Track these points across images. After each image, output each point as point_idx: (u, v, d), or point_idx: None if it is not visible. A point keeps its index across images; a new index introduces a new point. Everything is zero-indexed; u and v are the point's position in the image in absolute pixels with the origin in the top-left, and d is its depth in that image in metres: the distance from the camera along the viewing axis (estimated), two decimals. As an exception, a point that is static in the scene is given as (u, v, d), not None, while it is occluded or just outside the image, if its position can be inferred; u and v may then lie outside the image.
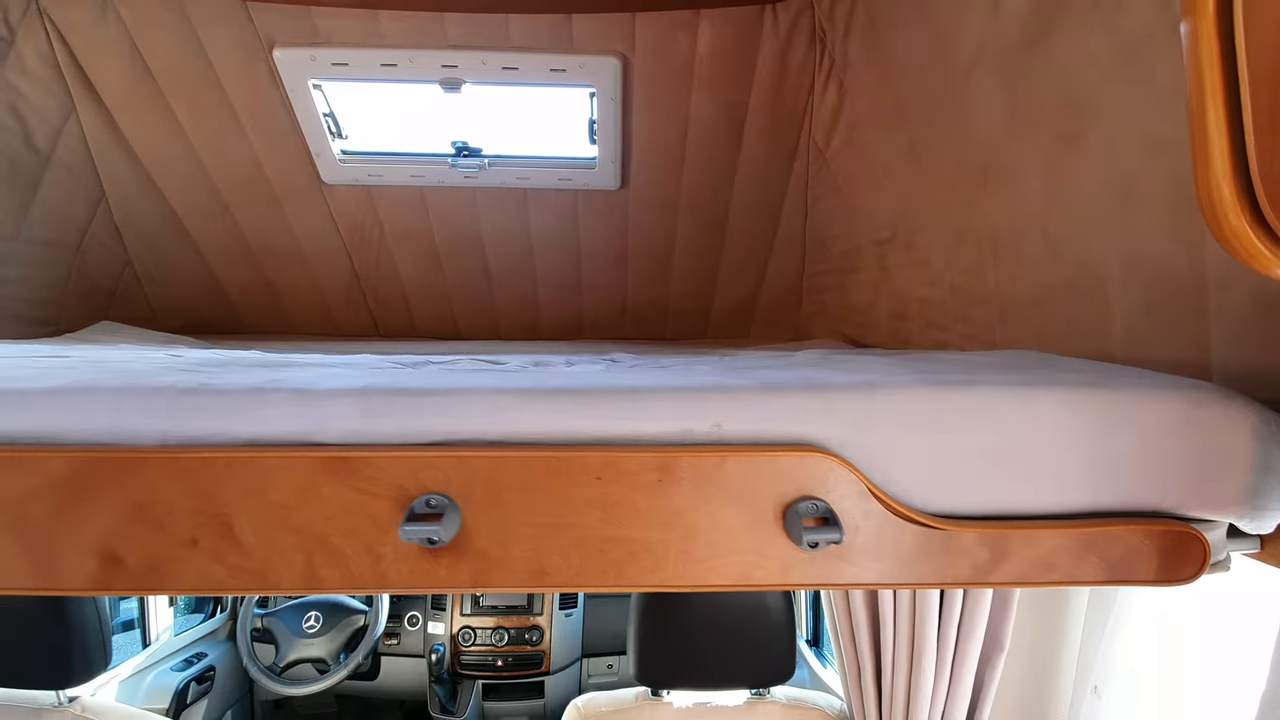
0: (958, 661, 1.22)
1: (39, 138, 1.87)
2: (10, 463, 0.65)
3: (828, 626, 1.34)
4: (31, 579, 0.66)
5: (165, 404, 0.67)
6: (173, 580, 0.66)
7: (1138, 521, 0.70)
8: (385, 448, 0.67)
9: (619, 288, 2.46)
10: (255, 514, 0.65)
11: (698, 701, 1.33)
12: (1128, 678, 1.11)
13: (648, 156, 2.10)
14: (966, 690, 1.24)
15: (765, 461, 0.67)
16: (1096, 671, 1.14)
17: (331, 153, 2.05)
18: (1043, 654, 1.24)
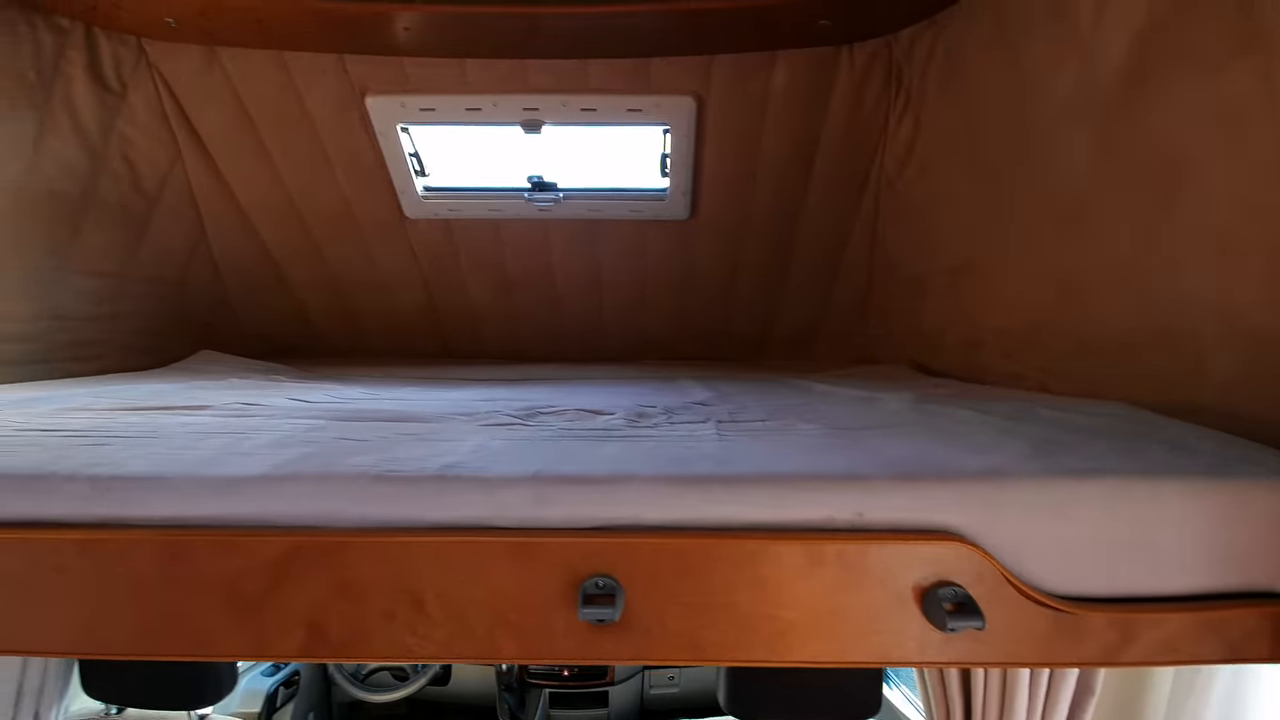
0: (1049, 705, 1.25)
1: (147, 182, 2.00)
2: (229, 546, 0.74)
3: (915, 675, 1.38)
4: (248, 648, 0.75)
5: (360, 491, 0.75)
6: (369, 648, 0.74)
7: (1258, 603, 0.73)
8: (556, 532, 0.74)
9: (682, 311, 2.52)
10: (444, 591, 0.73)
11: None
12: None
13: (717, 188, 2.15)
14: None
15: (905, 549, 0.72)
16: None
17: (415, 190, 2.14)
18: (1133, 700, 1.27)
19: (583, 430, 1.08)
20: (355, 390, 1.65)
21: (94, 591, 0.74)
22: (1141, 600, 0.74)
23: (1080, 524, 0.73)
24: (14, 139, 1.64)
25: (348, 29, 1.73)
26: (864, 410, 1.25)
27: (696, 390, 1.67)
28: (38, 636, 0.75)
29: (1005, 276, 1.64)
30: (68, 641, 0.75)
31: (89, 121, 1.78)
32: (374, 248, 2.33)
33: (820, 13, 1.64)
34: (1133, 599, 0.74)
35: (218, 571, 0.73)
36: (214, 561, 0.74)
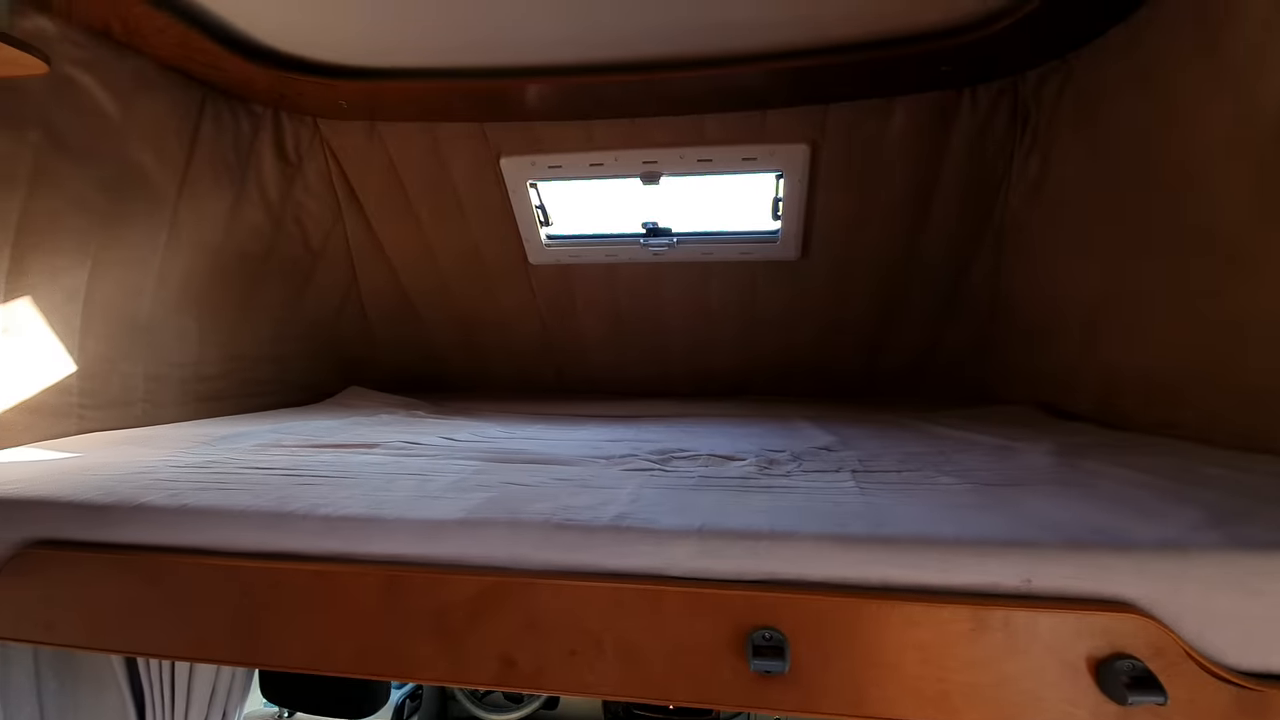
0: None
1: (313, 239, 2.28)
2: (437, 582, 0.84)
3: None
4: (448, 673, 0.84)
5: (545, 539, 0.84)
6: (553, 682, 0.82)
7: None
8: (724, 584, 0.79)
9: (789, 347, 2.54)
10: (621, 634, 0.80)
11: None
12: None
13: (829, 228, 2.17)
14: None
15: (1077, 618, 0.73)
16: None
17: (539, 238, 2.31)
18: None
19: (722, 479, 1.13)
20: (492, 429, 1.79)
21: (324, 617, 0.87)
22: (1341, 682, 0.70)
23: (1269, 598, 0.71)
24: (216, 210, 1.92)
25: (489, 101, 1.91)
26: (1004, 462, 1.23)
27: (814, 432, 1.69)
28: (280, 653, 0.88)
29: (1151, 316, 1.57)
30: (304, 660, 0.87)
31: (272, 191, 2.06)
32: (498, 291, 2.51)
33: (942, 60, 1.65)
34: (1330, 681, 0.71)
35: (427, 605, 0.84)
36: (424, 596, 0.84)
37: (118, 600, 0.93)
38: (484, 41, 1.68)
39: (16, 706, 1.57)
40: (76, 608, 0.94)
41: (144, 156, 1.70)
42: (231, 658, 0.90)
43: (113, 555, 0.93)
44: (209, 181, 1.87)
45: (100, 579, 0.93)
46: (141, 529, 0.93)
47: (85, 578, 0.94)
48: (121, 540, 0.94)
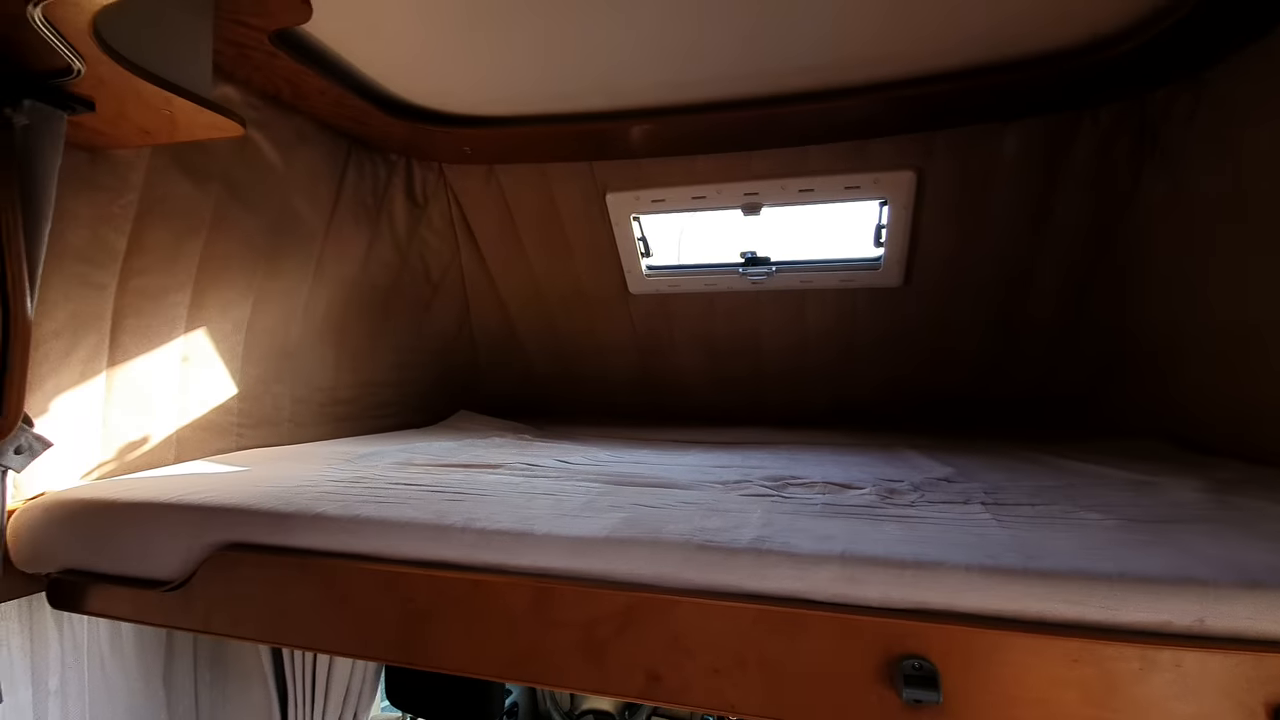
0: None
1: (434, 273, 2.46)
2: (586, 596, 0.89)
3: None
4: (595, 684, 0.89)
5: (688, 558, 0.88)
6: (696, 698, 0.85)
7: None
8: (870, 610, 0.80)
9: (892, 378, 2.49)
10: (765, 656, 0.82)
11: None
12: None
13: (934, 254, 2.14)
14: None
15: (1256, 661, 0.69)
16: None
17: (640, 269, 2.39)
18: None
19: (846, 506, 1.14)
20: (600, 454, 1.85)
21: (479, 624, 0.94)
22: None
23: None
24: (355, 248, 2.12)
25: (597, 142, 2.02)
26: (1149, 498, 1.17)
27: (927, 463, 1.65)
28: (438, 656, 0.95)
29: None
30: (460, 663, 0.94)
31: (401, 230, 2.25)
32: (598, 320, 2.61)
33: (1061, 80, 1.62)
34: None
35: (576, 617, 0.89)
36: (573, 608, 0.90)
37: (297, 600, 1.03)
38: (593, 88, 1.79)
39: (177, 697, 1.75)
40: (261, 605, 1.06)
41: (300, 202, 1.91)
42: (394, 657, 0.98)
43: (294, 559, 1.04)
44: (350, 222, 2.07)
45: (282, 580, 1.04)
46: (318, 536, 1.04)
47: (269, 578, 1.05)
48: (300, 545, 1.05)
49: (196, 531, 1.10)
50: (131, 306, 1.57)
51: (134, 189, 1.50)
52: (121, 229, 1.50)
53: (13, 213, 1.09)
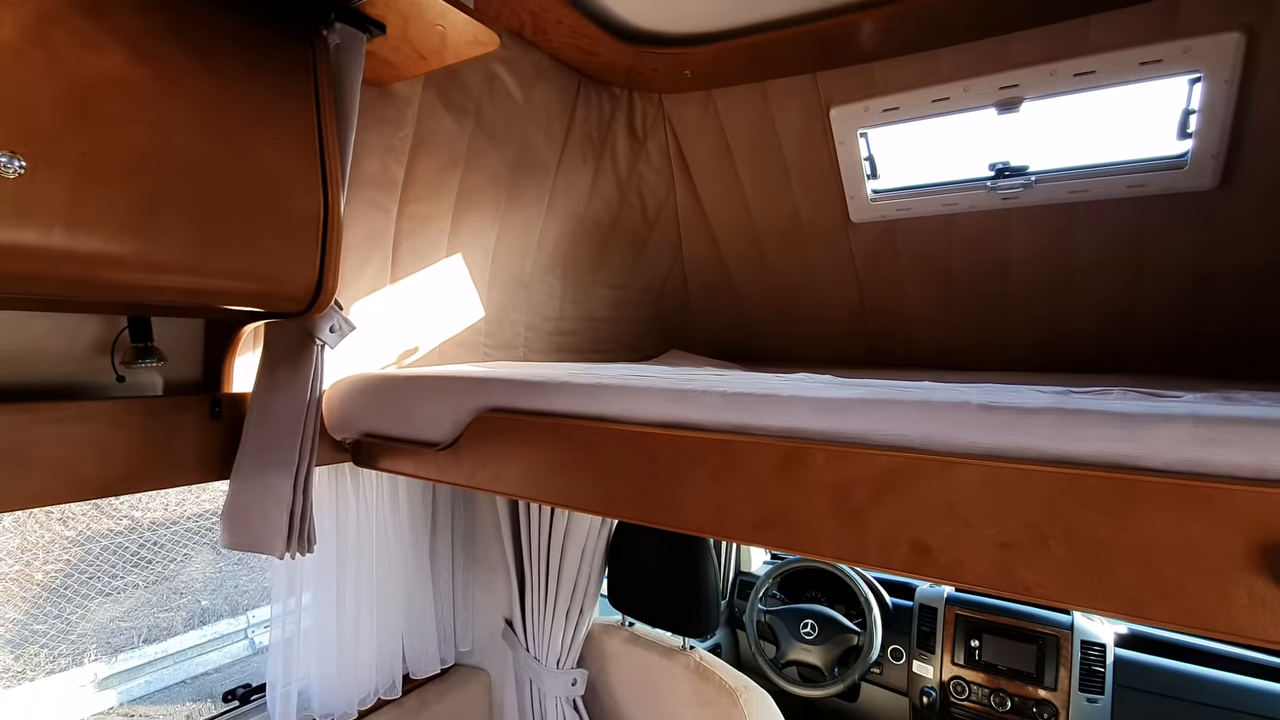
0: None
1: (650, 211, 2.50)
2: (844, 457, 0.81)
3: None
4: (851, 552, 0.81)
5: (966, 418, 0.76)
6: (976, 575, 0.73)
7: None
8: (1232, 480, 0.62)
9: (1188, 311, 2.01)
10: (1075, 531, 0.68)
11: None
12: None
13: (1267, 142, 1.66)
14: None
15: None
16: None
17: (864, 194, 2.20)
18: None
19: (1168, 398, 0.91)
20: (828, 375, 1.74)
21: (723, 485, 0.91)
22: None
23: None
24: (581, 183, 2.23)
25: (821, 45, 1.87)
26: None
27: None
28: (681, 516, 0.95)
29: None
30: (702, 522, 0.92)
31: (622, 165, 2.32)
32: (814, 255, 2.46)
33: None
34: None
35: (828, 479, 0.82)
36: (825, 470, 0.82)
37: (549, 459, 1.10)
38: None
39: (439, 570, 2.01)
40: (517, 463, 1.14)
41: (537, 137, 2.05)
42: (639, 515, 0.99)
43: (546, 421, 1.10)
44: (578, 157, 2.18)
45: (535, 440, 1.11)
46: (566, 399, 1.09)
47: (524, 439, 1.13)
48: (551, 409, 1.11)
49: (463, 399, 1.23)
50: (406, 230, 1.80)
51: (410, 123, 1.71)
52: (400, 159, 1.72)
53: (333, 126, 1.29)
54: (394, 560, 1.83)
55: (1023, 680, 2.40)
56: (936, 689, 2.52)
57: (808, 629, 2.66)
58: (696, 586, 1.67)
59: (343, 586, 1.72)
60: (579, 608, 1.82)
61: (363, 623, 1.76)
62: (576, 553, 1.78)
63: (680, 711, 1.70)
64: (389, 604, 1.83)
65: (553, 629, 1.81)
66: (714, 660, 1.69)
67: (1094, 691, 2.32)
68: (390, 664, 1.84)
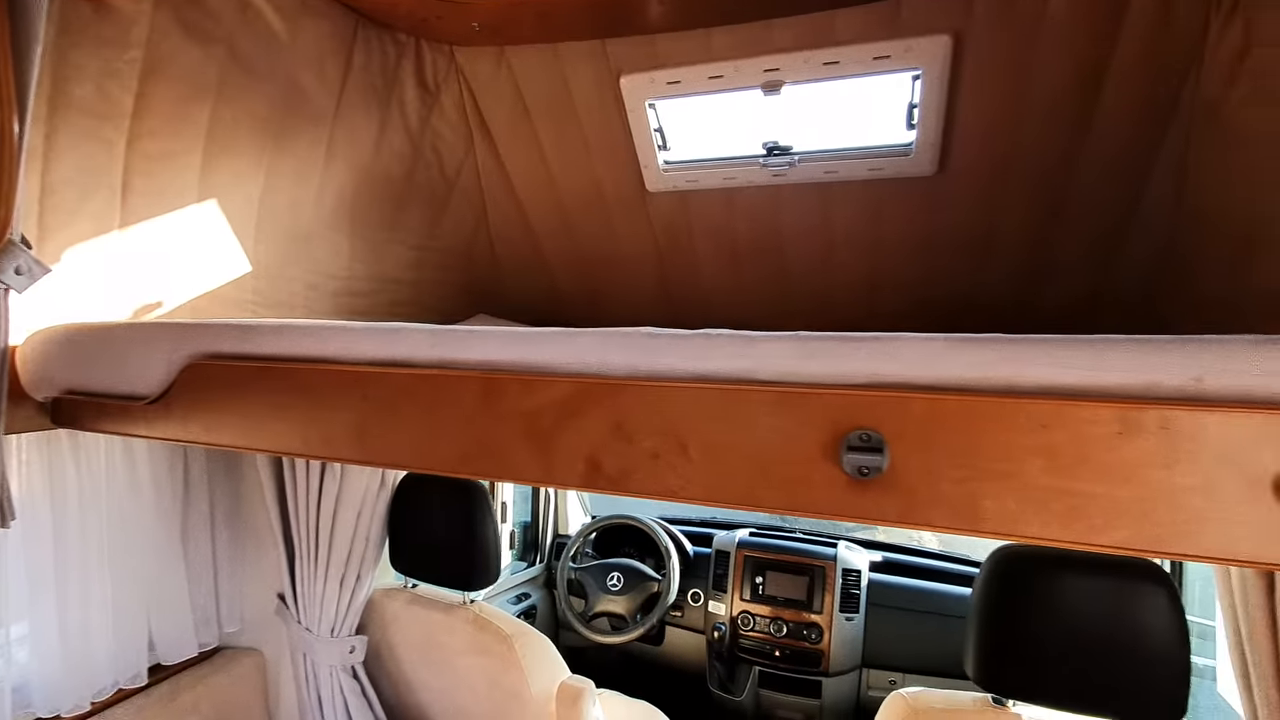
0: None
1: (449, 169, 2.43)
2: (532, 386, 0.86)
3: (1234, 666, 1.11)
4: (541, 475, 0.86)
5: (635, 345, 0.83)
6: (637, 485, 0.81)
7: None
8: (819, 385, 0.74)
9: (924, 280, 2.34)
10: (706, 438, 0.77)
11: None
12: None
13: (973, 135, 1.97)
14: None
15: (1263, 421, 0.59)
16: None
17: (657, 164, 2.30)
18: None
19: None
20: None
21: (431, 419, 0.92)
22: None
23: None
24: (366, 133, 2.11)
25: (610, 12, 1.92)
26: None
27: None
28: (393, 453, 0.95)
29: None
30: (413, 459, 0.93)
31: (413, 118, 2.22)
32: (617, 224, 2.54)
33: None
34: None
35: (520, 408, 0.86)
36: (518, 399, 0.86)
37: (262, 406, 1.04)
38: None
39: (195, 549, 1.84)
40: (232, 413, 1.07)
41: (307, 78, 1.90)
42: (354, 455, 0.97)
43: (259, 365, 1.04)
44: (360, 105, 2.06)
45: (249, 387, 1.05)
46: (282, 343, 1.04)
47: (239, 386, 1.06)
48: (266, 353, 1.05)
49: (175, 347, 1.12)
50: (140, 168, 1.60)
51: (137, 46, 1.51)
52: (127, 86, 1.52)
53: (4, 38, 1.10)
54: (133, 537, 1.65)
55: (797, 608, 2.70)
56: (727, 624, 2.77)
57: (614, 581, 2.79)
58: (473, 540, 1.68)
59: (64, 569, 1.52)
60: (355, 574, 1.76)
61: (93, 608, 1.57)
62: (351, 517, 1.72)
63: (460, 663, 1.72)
64: (128, 585, 1.64)
65: (325, 598, 1.74)
66: (493, 611, 1.73)
67: (851, 611, 2.67)
68: (132, 651, 1.66)
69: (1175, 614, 1.11)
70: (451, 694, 1.78)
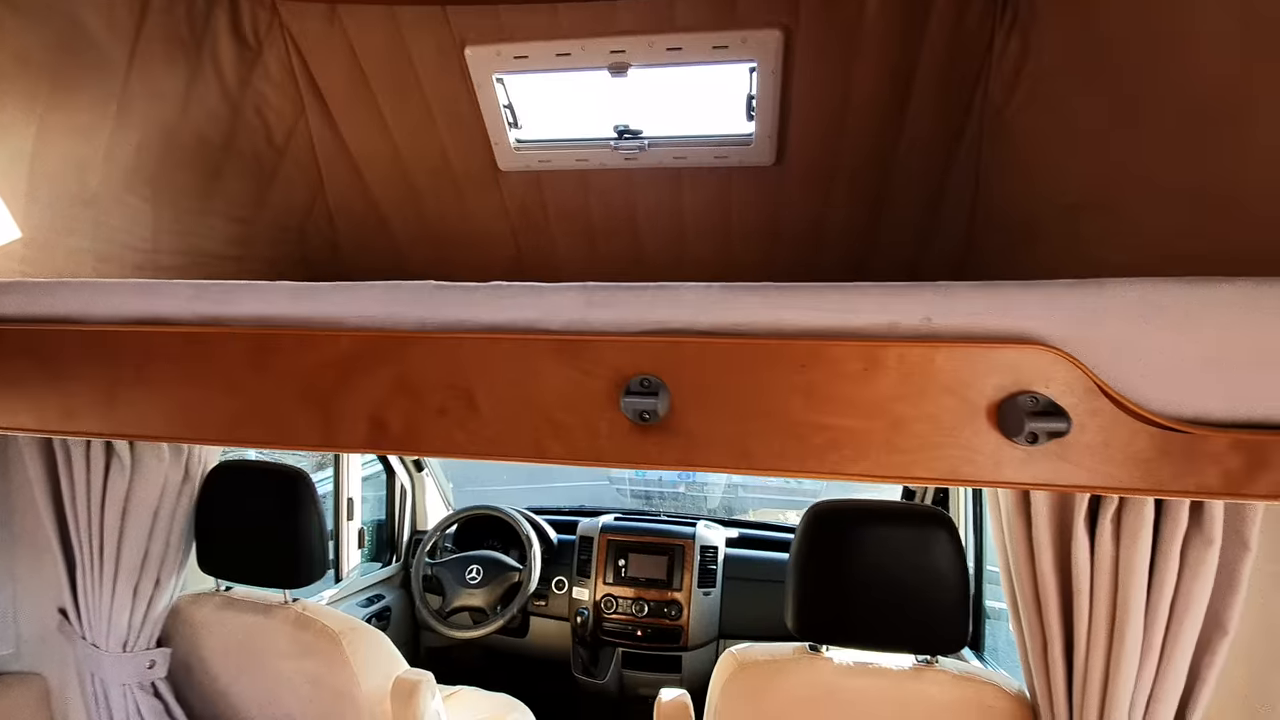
0: (1169, 644, 1.09)
1: (277, 135, 2.23)
2: (307, 340, 0.79)
3: (1006, 598, 1.25)
4: (322, 439, 0.79)
5: (422, 297, 0.79)
6: (424, 443, 0.77)
7: None
8: (604, 334, 0.73)
9: (768, 265, 2.46)
10: (493, 389, 0.75)
11: (859, 660, 1.30)
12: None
13: (806, 130, 2.09)
14: (1179, 677, 1.10)
15: (979, 354, 0.66)
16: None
17: (508, 142, 2.24)
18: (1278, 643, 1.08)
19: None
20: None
21: (195, 384, 0.82)
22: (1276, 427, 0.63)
23: (1196, 334, 0.64)
24: (170, 89, 1.88)
25: (450, -23, 1.85)
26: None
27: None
28: (147, 423, 0.84)
29: (1140, 209, 1.47)
30: (172, 429, 0.83)
31: (230, 76, 2.01)
32: (470, 203, 2.46)
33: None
34: (1264, 426, 0.63)
35: (298, 366, 0.79)
36: (295, 357, 0.79)
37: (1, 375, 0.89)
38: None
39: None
40: (-50, 385, 0.90)
41: (92, 21, 1.65)
42: (103, 427, 0.85)
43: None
44: (161, 57, 1.82)
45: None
46: (8, 301, 0.88)
47: (-41, 353, 0.89)
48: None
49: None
50: None
51: None
52: None
53: None
54: None
55: (658, 587, 2.76)
56: (590, 608, 2.77)
57: (473, 574, 2.70)
58: (295, 532, 1.55)
59: None
60: (153, 579, 1.56)
61: None
62: (145, 516, 1.52)
63: (281, 667, 1.58)
64: None
65: (115, 609, 1.53)
66: (318, 608, 1.60)
67: (709, 586, 2.77)
68: None
69: (955, 553, 1.24)
70: (273, 702, 1.63)
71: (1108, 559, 1.08)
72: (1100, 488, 0.65)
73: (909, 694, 1.24)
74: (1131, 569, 1.06)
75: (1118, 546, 1.07)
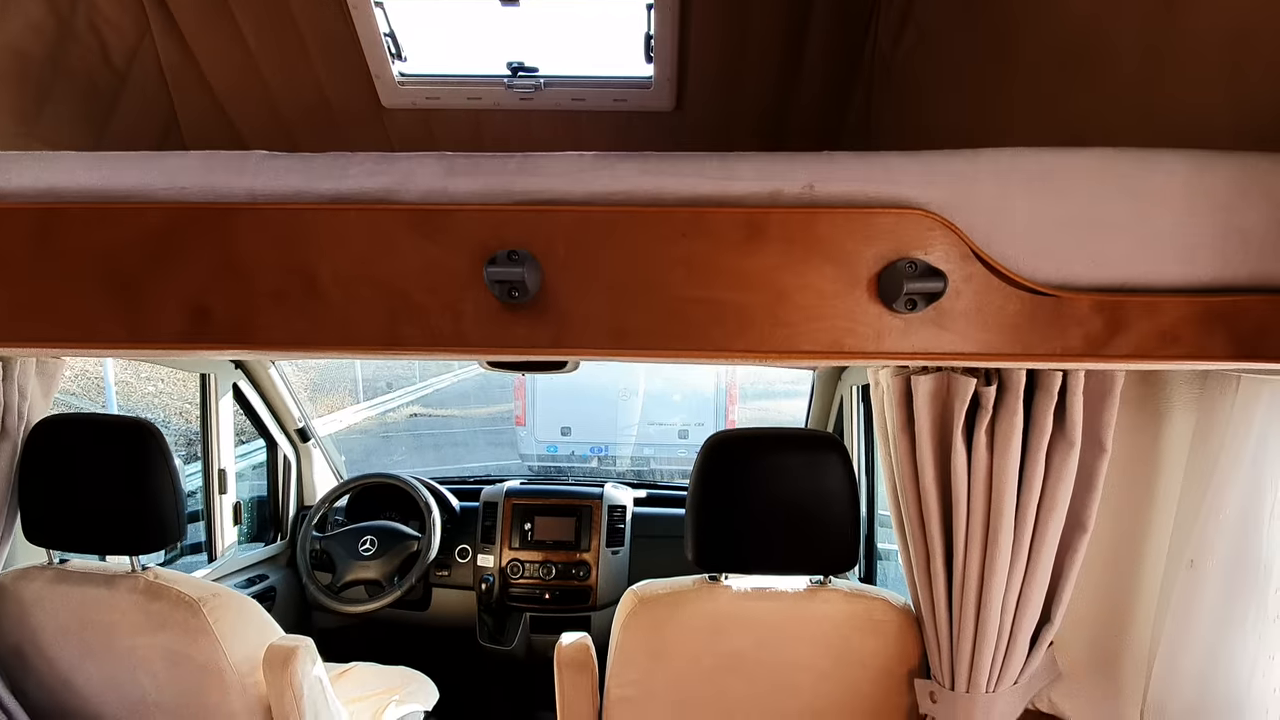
0: (1036, 543, 1.16)
1: (116, 56, 1.94)
2: (105, 216, 0.66)
3: (892, 519, 1.29)
4: (124, 334, 0.67)
5: (253, 165, 0.68)
6: (259, 334, 0.66)
7: (1272, 295, 0.64)
8: (466, 205, 0.66)
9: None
10: (339, 268, 0.65)
11: (756, 586, 1.30)
12: (1229, 553, 1.03)
13: (705, 76, 2.06)
14: (1045, 574, 1.17)
15: (860, 220, 0.64)
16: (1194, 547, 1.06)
17: (391, 75, 2.07)
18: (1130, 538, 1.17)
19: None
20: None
21: (-41, 271, 0.67)
22: (1135, 291, 0.65)
23: (1064, 199, 0.64)
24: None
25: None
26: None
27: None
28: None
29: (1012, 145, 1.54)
30: (-74, 326, 0.67)
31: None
32: (350, 140, 2.26)
33: None
34: (1125, 289, 0.65)
35: (95, 247, 0.66)
36: (91, 236, 0.66)
37: None
38: None
39: None
40: None
41: None
42: None
43: None
44: (-46, -57, 1.54)
45: None
46: None
47: None
48: None
49: None
50: None
51: None
52: None
53: None
54: None
55: (566, 549, 2.71)
56: (495, 574, 2.68)
57: (366, 546, 2.54)
58: (141, 489, 1.37)
59: None
60: (-37, 554, 1.34)
61: None
62: (-54, 478, 1.29)
63: (132, 643, 1.40)
64: None
65: (-91, 589, 1.30)
66: (172, 574, 1.42)
67: (617, 545, 2.74)
68: None
69: (846, 475, 1.26)
70: (125, 684, 1.45)
71: (983, 467, 1.12)
72: (974, 354, 0.64)
73: (805, 613, 1.26)
74: (1004, 475, 1.11)
75: (991, 455, 1.12)
